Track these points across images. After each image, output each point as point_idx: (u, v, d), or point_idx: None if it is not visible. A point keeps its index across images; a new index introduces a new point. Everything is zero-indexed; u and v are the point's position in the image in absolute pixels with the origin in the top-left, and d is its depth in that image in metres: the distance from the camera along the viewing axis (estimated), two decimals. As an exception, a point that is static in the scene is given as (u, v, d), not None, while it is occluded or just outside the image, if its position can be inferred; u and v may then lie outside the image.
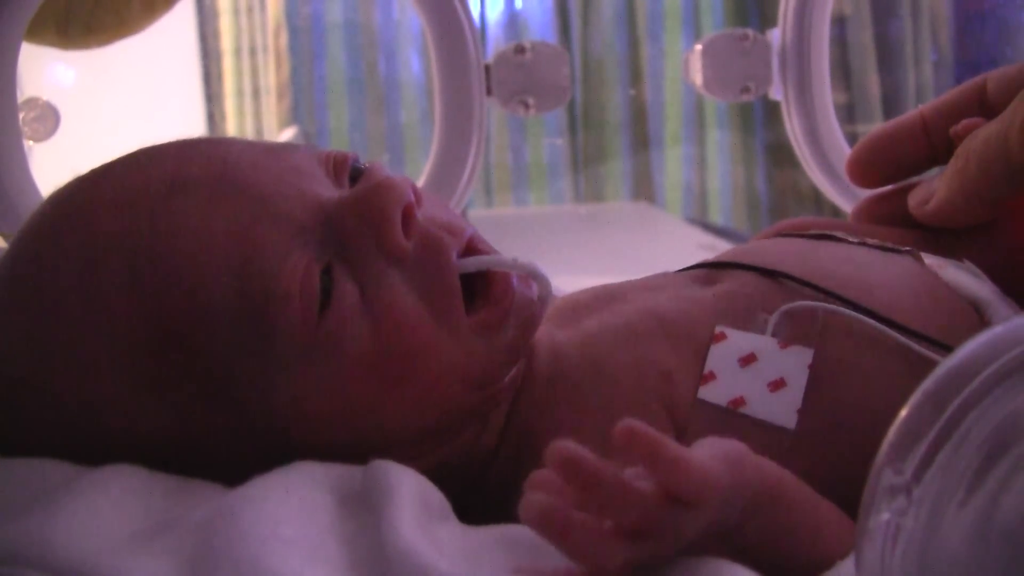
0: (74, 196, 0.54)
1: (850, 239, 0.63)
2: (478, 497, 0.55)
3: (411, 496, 0.46)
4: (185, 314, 0.49)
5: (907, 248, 0.61)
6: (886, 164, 0.70)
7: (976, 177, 0.60)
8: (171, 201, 0.50)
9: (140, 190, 0.51)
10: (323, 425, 0.51)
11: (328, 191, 0.53)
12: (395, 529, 0.43)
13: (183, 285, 0.49)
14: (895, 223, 0.68)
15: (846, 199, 1.06)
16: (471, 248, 0.54)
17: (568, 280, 0.73)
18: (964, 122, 0.64)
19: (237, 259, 0.49)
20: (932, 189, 0.64)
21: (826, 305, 0.55)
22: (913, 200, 0.66)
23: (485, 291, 0.53)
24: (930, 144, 0.68)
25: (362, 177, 0.55)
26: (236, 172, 0.51)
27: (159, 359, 0.49)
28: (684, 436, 0.53)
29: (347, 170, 0.55)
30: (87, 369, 0.50)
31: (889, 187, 0.71)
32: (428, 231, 0.52)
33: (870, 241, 0.62)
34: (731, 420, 0.53)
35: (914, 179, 0.70)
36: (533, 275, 0.54)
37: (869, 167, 0.71)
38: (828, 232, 0.64)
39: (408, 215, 0.52)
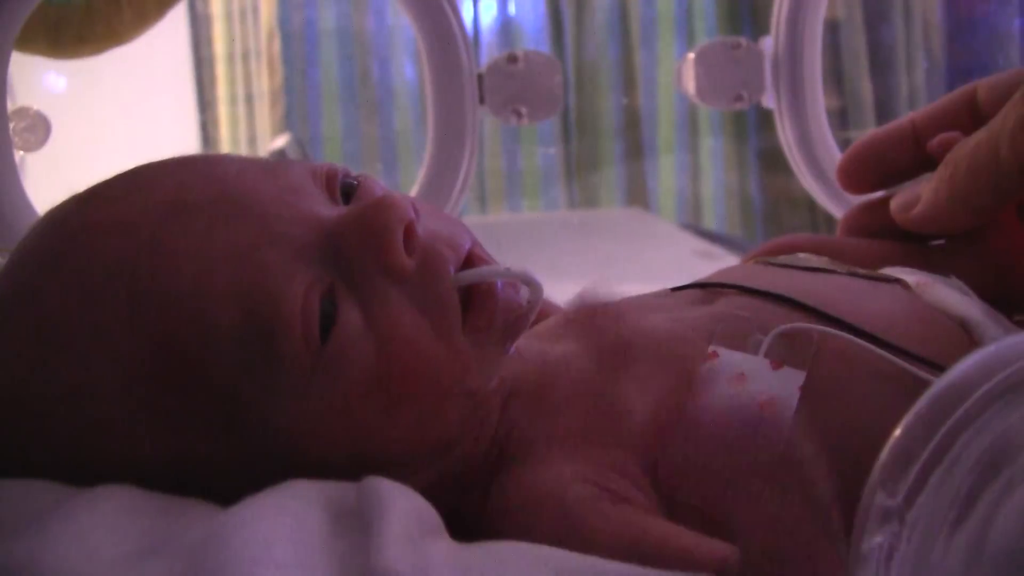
0: (72, 218, 0.53)
1: (839, 270, 0.63)
2: (470, 510, 0.55)
3: (402, 513, 0.46)
4: (187, 340, 0.48)
5: (896, 278, 0.61)
6: (876, 170, 0.70)
7: (964, 184, 0.59)
8: (171, 225, 0.50)
9: (139, 213, 0.51)
10: (326, 446, 0.50)
11: (325, 208, 0.52)
12: (380, 550, 0.42)
13: (185, 312, 0.48)
14: (883, 234, 0.68)
15: (838, 205, 1.06)
16: (469, 259, 0.54)
17: (563, 287, 0.73)
18: (940, 137, 0.64)
19: (239, 284, 0.48)
20: (916, 193, 0.64)
21: (821, 328, 0.54)
22: (896, 203, 0.65)
23: (468, 294, 0.53)
24: (920, 150, 0.67)
25: (357, 192, 0.55)
26: (235, 194, 0.51)
27: (161, 385, 0.49)
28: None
29: (338, 184, 0.55)
30: (86, 395, 0.50)
31: (878, 195, 0.71)
32: (429, 248, 0.52)
33: (860, 272, 0.62)
34: None
35: (904, 186, 0.70)
36: (526, 281, 0.54)
37: (859, 173, 0.71)
38: (816, 267, 0.64)
39: (410, 232, 0.51)
